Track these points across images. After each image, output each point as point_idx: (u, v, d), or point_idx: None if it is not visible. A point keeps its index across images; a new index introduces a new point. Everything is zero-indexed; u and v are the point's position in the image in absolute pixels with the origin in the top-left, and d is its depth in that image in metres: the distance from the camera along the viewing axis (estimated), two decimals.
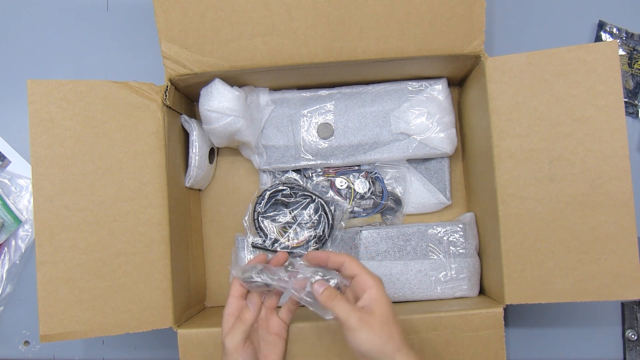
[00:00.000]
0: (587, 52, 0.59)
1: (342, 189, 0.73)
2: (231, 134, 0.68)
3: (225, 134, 0.67)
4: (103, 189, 0.60)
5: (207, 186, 0.77)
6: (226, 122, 0.66)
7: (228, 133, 0.67)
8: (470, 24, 0.61)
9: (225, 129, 0.66)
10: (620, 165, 0.58)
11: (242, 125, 0.67)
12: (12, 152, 0.80)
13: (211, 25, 0.61)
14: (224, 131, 0.67)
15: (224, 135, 0.68)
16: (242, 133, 0.68)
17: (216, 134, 0.67)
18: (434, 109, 0.71)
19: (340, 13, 0.60)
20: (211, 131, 0.67)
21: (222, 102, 0.65)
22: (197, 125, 0.70)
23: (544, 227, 0.59)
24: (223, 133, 0.67)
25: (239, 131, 0.67)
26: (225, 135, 0.68)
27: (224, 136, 0.68)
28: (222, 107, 0.65)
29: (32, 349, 0.78)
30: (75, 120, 0.60)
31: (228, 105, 0.65)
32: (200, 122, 0.70)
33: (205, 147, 0.71)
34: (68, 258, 0.59)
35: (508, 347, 0.72)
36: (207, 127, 0.67)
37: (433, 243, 0.68)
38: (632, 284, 0.58)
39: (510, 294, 0.60)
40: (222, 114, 0.65)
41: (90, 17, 0.81)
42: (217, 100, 0.65)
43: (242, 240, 0.71)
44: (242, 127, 0.67)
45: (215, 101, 0.65)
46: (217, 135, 0.68)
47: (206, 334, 0.60)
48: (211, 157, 0.74)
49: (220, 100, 0.65)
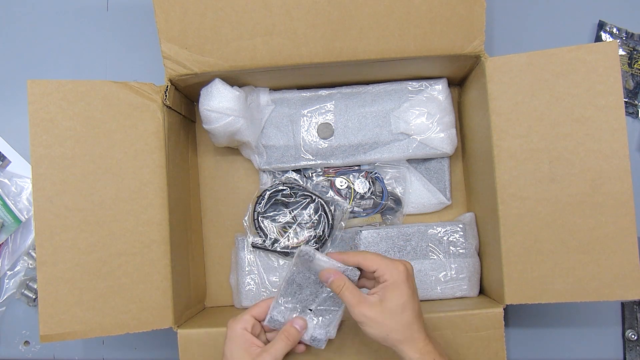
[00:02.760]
0: (587, 52, 0.59)
1: (342, 189, 0.73)
2: (231, 134, 0.68)
3: (225, 134, 0.67)
4: (103, 189, 0.60)
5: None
6: (226, 122, 0.66)
7: (228, 133, 0.67)
8: (470, 24, 0.61)
9: (225, 129, 0.66)
10: (620, 166, 0.58)
11: (242, 125, 0.67)
12: (12, 152, 0.80)
13: (211, 25, 0.61)
14: (224, 131, 0.67)
15: (224, 135, 0.68)
16: (242, 133, 0.68)
17: (216, 134, 0.67)
18: (434, 109, 0.71)
19: (340, 13, 0.60)
20: (211, 131, 0.67)
21: (222, 102, 0.65)
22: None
23: (544, 227, 0.59)
24: (223, 133, 0.67)
25: (239, 131, 0.67)
26: (225, 135, 0.68)
27: (224, 136, 0.68)
28: (222, 107, 0.65)
29: (32, 349, 0.78)
30: (75, 120, 0.60)
31: (228, 105, 0.65)
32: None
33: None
34: (68, 258, 0.59)
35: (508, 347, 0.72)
36: (207, 127, 0.67)
37: (433, 243, 0.68)
38: (632, 284, 0.58)
39: (510, 294, 0.60)
40: (222, 113, 0.65)
41: (90, 17, 0.81)
42: (217, 100, 0.65)
43: (242, 240, 0.71)
44: (242, 127, 0.67)
45: (215, 101, 0.65)
46: (217, 135, 0.68)
47: (206, 334, 0.60)
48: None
49: (220, 100, 0.65)
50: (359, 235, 0.68)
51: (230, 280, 0.74)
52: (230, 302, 0.75)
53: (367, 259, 0.53)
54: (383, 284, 0.52)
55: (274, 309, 0.57)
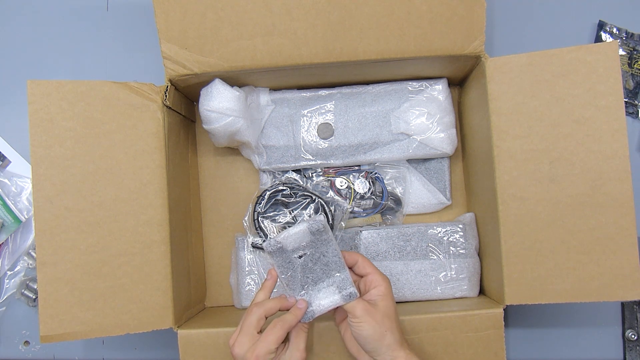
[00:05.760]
0: (587, 52, 0.59)
1: (342, 189, 0.73)
2: (231, 134, 0.68)
3: (225, 134, 0.67)
4: (103, 189, 0.60)
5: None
6: (226, 122, 0.66)
7: (228, 133, 0.67)
8: (471, 24, 0.61)
9: (225, 129, 0.66)
10: (620, 166, 0.58)
11: (242, 125, 0.67)
12: (12, 152, 0.80)
13: (211, 25, 0.61)
14: (224, 131, 0.67)
15: (224, 135, 0.68)
16: (242, 133, 0.68)
17: (216, 134, 0.67)
18: (434, 109, 0.71)
19: (340, 13, 0.60)
20: (211, 131, 0.67)
21: (222, 102, 0.65)
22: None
23: (544, 227, 0.59)
24: (223, 133, 0.67)
25: (239, 131, 0.67)
26: (225, 135, 0.68)
27: (224, 136, 0.68)
28: (222, 107, 0.65)
29: (32, 349, 0.78)
30: (75, 121, 0.60)
31: (228, 105, 0.65)
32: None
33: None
34: (68, 259, 0.59)
35: (508, 347, 0.72)
36: (207, 127, 0.67)
37: (433, 243, 0.68)
38: (632, 284, 0.58)
39: (510, 294, 0.60)
40: (222, 114, 0.65)
41: (90, 17, 0.80)
42: (217, 100, 0.65)
43: (242, 240, 0.71)
44: (242, 127, 0.67)
45: (215, 101, 0.65)
46: (217, 135, 0.68)
47: (206, 334, 0.60)
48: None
49: (220, 101, 0.65)
50: (359, 236, 0.68)
51: (230, 280, 0.74)
52: (230, 302, 0.75)
53: (364, 262, 0.58)
54: (375, 291, 0.55)
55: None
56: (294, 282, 0.58)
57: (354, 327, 0.54)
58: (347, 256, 0.58)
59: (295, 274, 0.58)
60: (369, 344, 0.54)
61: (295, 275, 0.58)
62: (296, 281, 0.58)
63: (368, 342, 0.54)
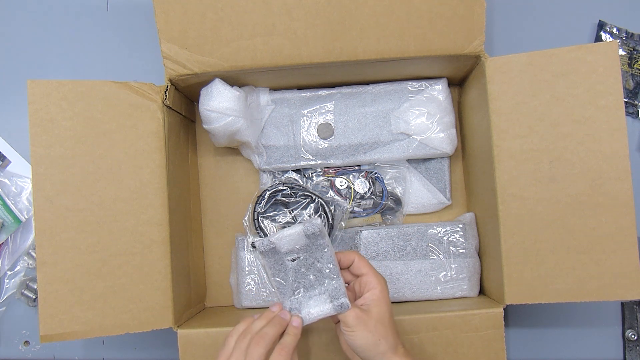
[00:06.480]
0: (587, 52, 0.59)
1: (342, 189, 0.73)
2: (231, 134, 0.68)
3: (225, 134, 0.67)
4: (103, 189, 0.60)
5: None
6: (226, 122, 0.66)
7: (228, 133, 0.67)
8: (471, 24, 0.61)
9: (225, 129, 0.66)
10: (620, 166, 0.58)
11: (242, 125, 0.67)
12: (12, 152, 0.80)
13: (211, 25, 0.61)
14: (224, 131, 0.67)
15: (224, 135, 0.68)
16: (242, 133, 0.68)
17: (216, 134, 0.67)
18: (434, 109, 0.71)
19: (340, 13, 0.60)
20: (211, 131, 0.67)
21: (222, 102, 0.65)
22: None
23: (544, 227, 0.59)
24: (223, 133, 0.67)
25: (239, 131, 0.67)
26: (225, 135, 0.68)
27: (224, 136, 0.68)
28: (222, 107, 0.65)
29: (32, 349, 0.78)
30: (75, 121, 0.60)
31: (228, 105, 0.65)
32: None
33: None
34: (68, 258, 0.59)
35: (508, 347, 0.72)
36: (207, 127, 0.67)
37: (433, 243, 0.68)
38: (632, 284, 0.58)
39: (510, 294, 0.60)
40: (222, 114, 0.65)
41: (90, 17, 0.80)
42: (217, 100, 0.65)
43: (242, 240, 0.71)
44: (242, 127, 0.67)
45: (215, 101, 0.65)
46: (217, 135, 0.68)
47: (206, 334, 0.60)
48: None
49: (220, 100, 0.65)
50: (359, 235, 0.68)
51: (230, 280, 0.74)
52: (230, 302, 0.75)
53: (361, 262, 0.56)
54: (369, 295, 0.54)
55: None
56: (284, 286, 0.56)
57: (346, 336, 0.53)
58: (343, 256, 0.56)
59: (286, 278, 0.56)
60: (362, 352, 0.52)
61: (286, 278, 0.56)
62: (287, 285, 0.56)
63: (361, 351, 0.52)
